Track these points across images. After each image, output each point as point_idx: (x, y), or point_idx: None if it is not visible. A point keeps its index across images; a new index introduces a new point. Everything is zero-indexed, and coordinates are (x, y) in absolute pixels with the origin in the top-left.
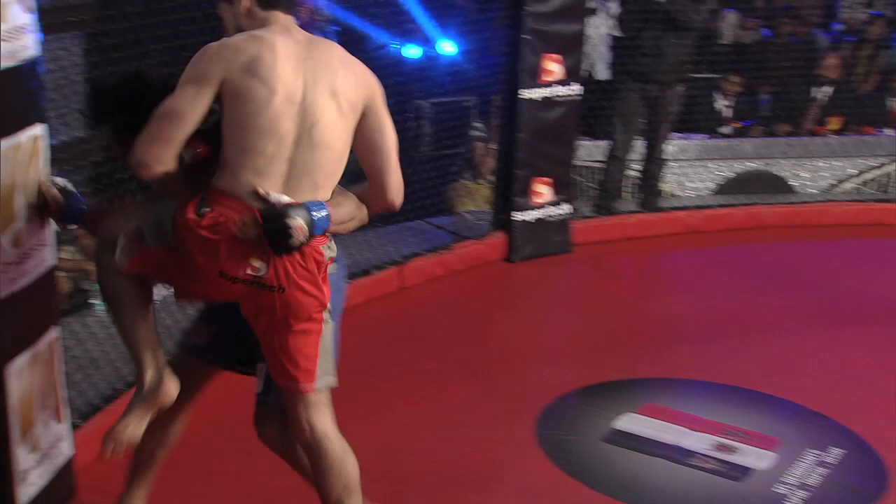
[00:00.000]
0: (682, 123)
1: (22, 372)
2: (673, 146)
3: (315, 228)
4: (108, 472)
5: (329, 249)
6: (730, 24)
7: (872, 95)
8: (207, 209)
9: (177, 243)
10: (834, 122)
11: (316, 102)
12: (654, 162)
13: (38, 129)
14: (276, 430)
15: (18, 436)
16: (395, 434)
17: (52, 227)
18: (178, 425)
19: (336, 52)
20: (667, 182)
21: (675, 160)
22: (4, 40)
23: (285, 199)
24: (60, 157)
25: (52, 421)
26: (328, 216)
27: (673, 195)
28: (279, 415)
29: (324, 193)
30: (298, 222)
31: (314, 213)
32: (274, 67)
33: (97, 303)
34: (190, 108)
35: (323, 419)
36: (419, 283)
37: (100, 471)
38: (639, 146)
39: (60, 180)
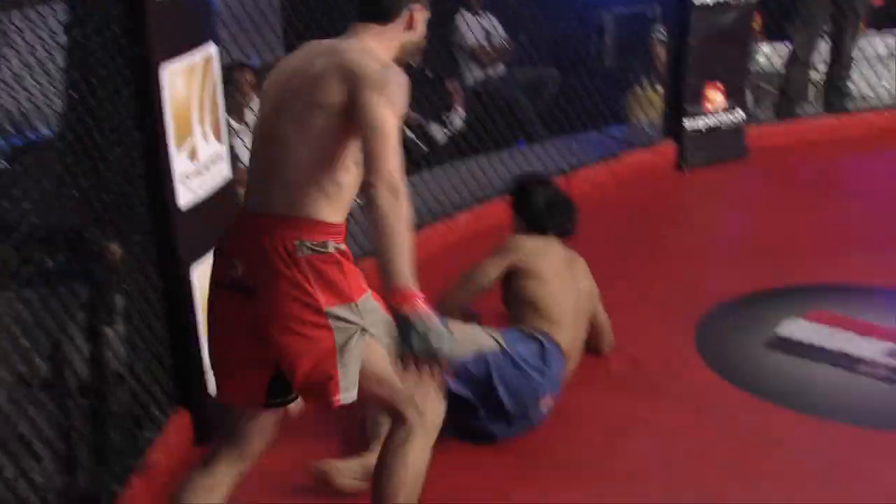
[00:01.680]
0: (878, 18)
1: (203, 276)
2: (865, 42)
3: None
4: None
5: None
6: None
7: None
8: None
9: None
10: None
11: None
12: (840, 63)
13: (210, 49)
14: None
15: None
16: None
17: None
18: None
19: None
20: (856, 83)
21: (868, 58)
22: None
23: None
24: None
25: None
26: None
27: (863, 97)
28: None
29: None
30: None
31: None
32: None
33: None
34: None
35: None
36: (586, 192)
37: None
38: (824, 47)
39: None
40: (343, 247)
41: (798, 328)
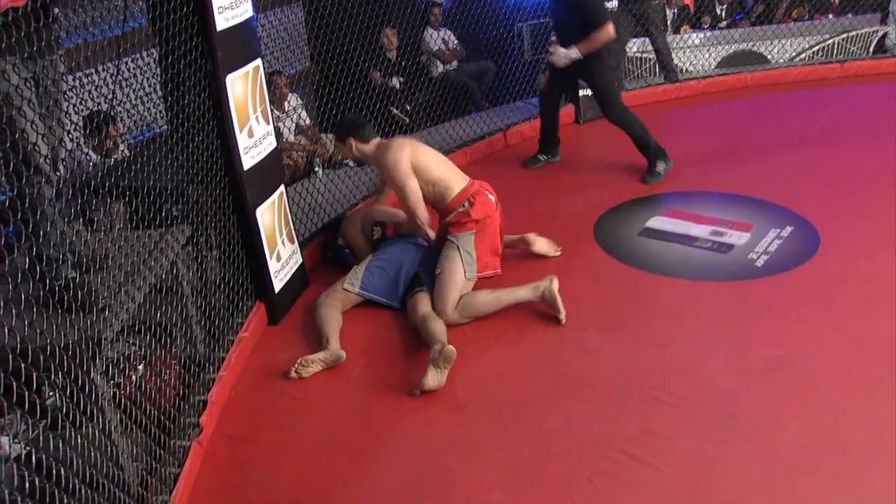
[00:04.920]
0: (695, 22)
1: (264, 213)
2: (688, 37)
3: None
4: (327, 271)
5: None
6: None
7: None
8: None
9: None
10: (796, 13)
11: None
12: (660, 52)
13: (257, 62)
14: None
15: (268, 252)
16: None
17: (272, 123)
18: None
19: None
20: (683, 62)
21: (690, 47)
22: (230, 8)
23: None
24: (293, 81)
25: (287, 242)
26: None
27: (688, 71)
28: None
29: None
30: None
31: None
32: None
33: (318, 170)
34: None
35: None
36: (518, 142)
37: (320, 270)
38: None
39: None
40: None
41: (658, 222)
